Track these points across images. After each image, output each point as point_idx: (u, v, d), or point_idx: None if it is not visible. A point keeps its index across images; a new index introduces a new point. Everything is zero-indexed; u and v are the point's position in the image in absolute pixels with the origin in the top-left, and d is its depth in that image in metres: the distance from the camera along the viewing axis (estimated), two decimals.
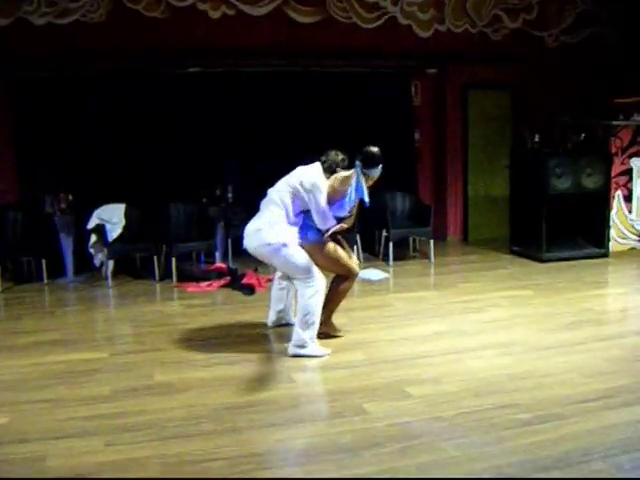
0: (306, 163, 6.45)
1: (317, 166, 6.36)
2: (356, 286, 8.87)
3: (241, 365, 5.92)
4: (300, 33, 10.65)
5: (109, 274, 9.25)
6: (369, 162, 6.20)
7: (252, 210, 6.65)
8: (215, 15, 10.25)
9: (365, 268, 9.72)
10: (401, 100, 11.79)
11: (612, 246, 10.67)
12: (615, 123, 10.66)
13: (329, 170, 6.33)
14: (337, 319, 6.69)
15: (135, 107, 10.22)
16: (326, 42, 10.68)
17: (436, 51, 11.38)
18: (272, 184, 6.41)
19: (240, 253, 10.21)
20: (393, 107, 11.56)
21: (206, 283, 9.06)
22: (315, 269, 6.18)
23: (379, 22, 11.01)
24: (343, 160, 6.47)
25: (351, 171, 6.18)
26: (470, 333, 6.75)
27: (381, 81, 11.47)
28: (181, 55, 10.09)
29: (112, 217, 9.35)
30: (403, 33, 11.17)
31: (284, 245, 6.10)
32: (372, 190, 6.37)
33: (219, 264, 9.63)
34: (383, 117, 11.24)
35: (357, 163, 6.16)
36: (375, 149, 6.27)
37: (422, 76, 11.83)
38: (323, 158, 6.41)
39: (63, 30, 9.65)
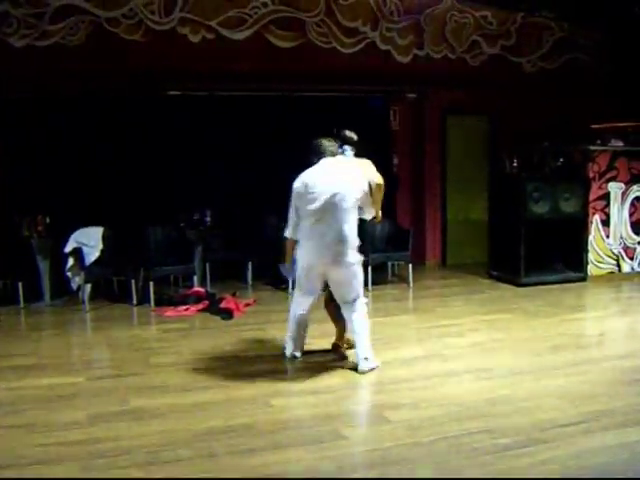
0: (283, 186, 6.44)
1: (348, 157, 6.52)
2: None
3: (218, 390, 5.86)
4: (280, 57, 10.67)
5: (86, 298, 9.17)
6: (354, 147, 6.71)
7: (230, 234, 6.60)
8: (195, 39, 10.27)
9: None
10: (380, 124, 11.83)
11: (590, 270, 10.73)
12: (593, 148, 10.75)
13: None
14: (317, 344, 6.67)
15: (114, 130, 10.21)
16: (305, 67, 10.70)
17: (415, 76, 11.44)
18: (251, 208, 6.36)
19: (218, 277, 10.26)
20: (371, 131, 11.57)
21: (184, 307, 9.00)
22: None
23: (358, 47, 11.08)
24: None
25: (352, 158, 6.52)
26: (449, 357, 6.73)
27: (360, 106, 11.51)
28: (161, 78, 10.07)
29: (90, 240, 9.29)
30: (382, 58, 11.24)
31: (358, 263, 6.16)
32: None
33: (197, 288, 9.58)
34: (361, 141, 11.23)
35: (348, 148, 6.58)
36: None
37: (401, 101, 11.89)
38: (328, 148, 6.46)
39: (42, 52, 9.64)
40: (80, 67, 9.65)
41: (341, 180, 6.14)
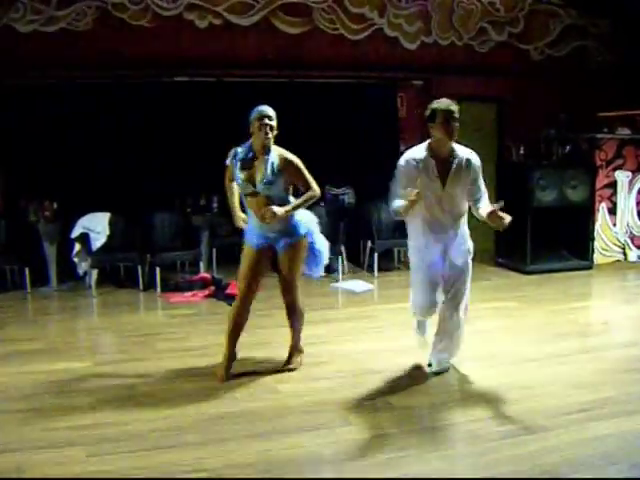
0: None
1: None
2: (340, 297, 8.94)
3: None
4: (287, 44, 10.66)
5: (93, 283, 9.20)
6: None
7: None
8: (202, 25, 10.26)
9: (350, 279, 9.74)
10: (387, 111, 11.81)
11: (596, 258, 10.73)
12: (600, 136, 10.73)
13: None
14: (317, 330, 6.68)
15: (121, 116, 10.17)
16: (313, 53, 10.70)
17: (422, 63, 11.41)
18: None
19: (225, 263, 10.27)
20: (379, 118, 11.56)
21: (190, 293, 9.03)
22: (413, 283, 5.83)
23: (366, 33, 11.06)
24: None
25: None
26: None
27: (367, 92, 11.49)
28: (168, 64, 10.06)
29: (96, 226, 9.31)
30: (389, 45, 11.22)
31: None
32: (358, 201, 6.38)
33: (203, 274, 9.60)
34: (368, 128, 11.25)
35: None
36: None
37: (408, 88, 11.85)
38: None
39: (49, 37, 9.64)
40: (87, 53, 9.67)
41: None
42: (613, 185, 10.90)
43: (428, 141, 5.67)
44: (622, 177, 10.92)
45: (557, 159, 10.49)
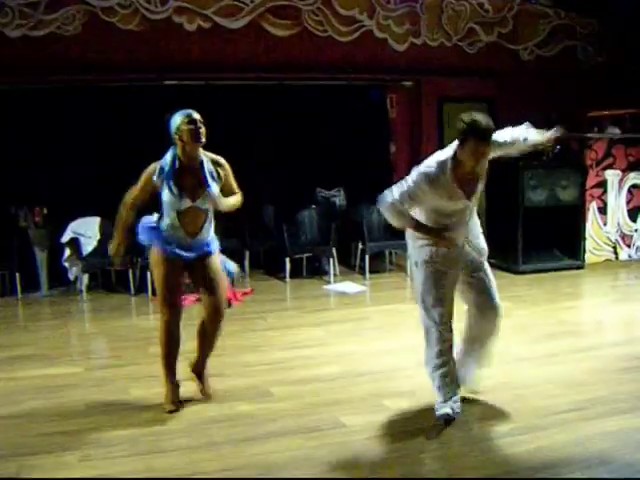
0: (283, 176, 6.36)
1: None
2: (332, 299, 8.93)
3: (218, 379, 5.86)
4: (276, 46, 10.65)
5: (83, 288, 9.19)
6: None
7: (228, 223, 6.49)
8: (191, 28, 10.24)
9: (341, 281, 9.73)
10: (376, 113, 11.83)
11: (587, 258, 10.74)
12: (590, 136, 10.74)
13: None
14: (309, 332, 6.65)
15: (111, 120, 10.16)
16: (302, 55, 10.69)
17: (412, 64, 11.42)
18: (249, 196, 6.12)
19: None
20: (368, 120, 11.58)
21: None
22: (421, 303, 4.84)
23: (355, 35, 11.06)
24: None
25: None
26: None
27: (357, 94, 11.50)
28: (157, 67, 10.04)
29: (86, 231, 9.30)
30: (379, 46, 11.21)
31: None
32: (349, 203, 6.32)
33: None
34: (358, 130, 11.26)
35: None
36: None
37: (398, 89, 11.87)
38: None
39: (38, 42, 9.61)
40: (76, 57, 9.64)
41: None
42: (603, 184, 10.93)
43: (453, 151, 4.66)
44: (612, 176, 10.95)
45: (547, 159, 10.49)
